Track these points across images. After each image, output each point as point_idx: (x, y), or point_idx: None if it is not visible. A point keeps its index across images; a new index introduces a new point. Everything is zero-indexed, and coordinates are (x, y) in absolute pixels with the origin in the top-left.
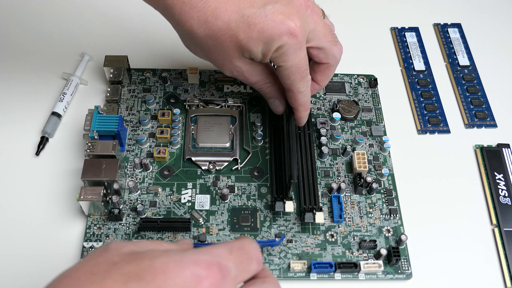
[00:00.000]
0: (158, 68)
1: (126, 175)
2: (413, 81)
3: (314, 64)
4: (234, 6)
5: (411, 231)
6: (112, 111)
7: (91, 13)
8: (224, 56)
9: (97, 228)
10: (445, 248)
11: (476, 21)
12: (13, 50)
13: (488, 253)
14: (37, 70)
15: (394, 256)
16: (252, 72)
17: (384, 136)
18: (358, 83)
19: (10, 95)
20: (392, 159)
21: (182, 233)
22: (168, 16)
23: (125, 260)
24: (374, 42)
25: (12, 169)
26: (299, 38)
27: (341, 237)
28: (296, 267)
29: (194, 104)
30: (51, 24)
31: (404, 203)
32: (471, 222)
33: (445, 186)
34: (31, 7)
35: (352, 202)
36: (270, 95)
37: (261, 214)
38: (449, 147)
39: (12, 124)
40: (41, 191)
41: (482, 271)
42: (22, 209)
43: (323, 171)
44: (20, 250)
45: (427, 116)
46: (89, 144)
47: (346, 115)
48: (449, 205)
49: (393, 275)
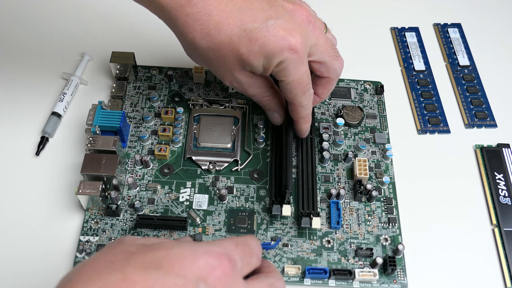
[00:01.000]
0: (164, 66)
1: (126, 171)
2: (413, 81)
3: (316, 78)
4: (237, 21)
5: (410, 232)
6: (116, 107)
7: (91, 13)
8: (225, 68)
9: (94, 223)
10: (445, 248)
11: (476, 21)
12: (13, 50)
13: (488, 253)
14: (37, 70)
15: (390, 266)
16: (251, 84)
17: (387, 144)
18: (364, 89)
19: (10, 95)
20: (392, 159)
21: (178, 231)
22: (172, 27)
23: (142, 250)
24: (374, 42)
25: (12, 169)
26: (300, 54)
27: (337, 243)
28: (290, 272)
29: (198, 103)
30: (51, 24)
31: (404, 203)
32: (471, 222)
33: (445, 186)
34: (31, 7)
35: (351, 209)
36: (269, 108)
37: (258, 216)
38: (449, 147)
39: (12, 124)
40: (41, 191)
41: (482, 271)
42: (22, 209)
43: (323, 176)
44: (19, 247)
45: (427, 116)
46: (91, 139)
47: (350, 121)
48: (449, 205)
49: (388, 284)
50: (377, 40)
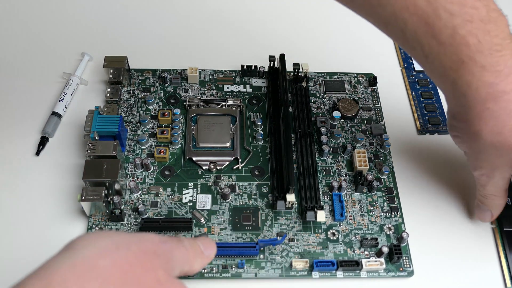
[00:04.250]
0: (158, 68)
1: (127, 176)
2: (413, 81)
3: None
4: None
5: (412, 230)
6: (112, 111)
7: (91, 13)
8: (491, 163)
9: (98, 229)
10: (446, 248)
11: None
12: (13, 50)
13: (488, 253)
14: (37, 70)
15: (396, 254)
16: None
17: (384, 134)
18: (358, 81)
19: (10, 95)
20: (393, 159)
21: (184, 232)
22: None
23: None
24: (374, 42)
25: (12, 169)
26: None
27: (342, 235)
28: (298, 266)
29: (194, 104)
30: (51, 24)
31: (404, 203)
32: (471, 221)
33: (445, 186)
34: (31, 7)
35: (353, 200)
36: (489, 206)
37: (262, 213)
38: (449, 147)
39: (12, 124)
40: (42, 191)
41: (482, 271)
42: (22, 209)
43: (323, 169)
44: (21, 251)
45: (427, 116)
46: (90, 145)
47: (346, 114)
48: (449, 205)
49: (394, 272)
50: (377, 40)
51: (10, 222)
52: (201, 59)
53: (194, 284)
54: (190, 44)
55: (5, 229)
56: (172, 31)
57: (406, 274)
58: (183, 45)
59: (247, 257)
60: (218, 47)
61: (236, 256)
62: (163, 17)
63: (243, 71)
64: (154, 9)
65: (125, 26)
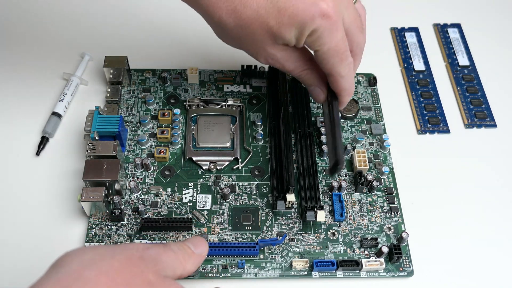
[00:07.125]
0: (158, 69)
1: (127, 176)
2: (413, 81)
3: None
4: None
5: (412, 230)
6: (112, 111)
7: (91, 13)
8: (257, 45)
9: (99, 229)
10: (446, 247)
11: (476, 21)
12: (13, 50)
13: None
14: (37, 70)
15: (396, 254)
16: (288, 58)
17: (384, 135)
18: (358, 81)
19: (11, 95)
20: (392, 159)
21: (184, 232)
22: (197, 9)
23: None
24: (374, 42)
25: (12, 169)
26: (333, 19)
27: (342, 235)
28: (298, 266)
29: (194, 104)
30: (51, 24)
31: (404, 203)
32: (471, 221)
33: (445, 186)
34: (31, 7)
35: (353, 200)
36: (310, 82)
37: (262, 213)
38: (449, 147)
39: (12, 124)
40: (42, 191)
41: (482, 270)
42: (23, 209)
43: (323, 169)
44: (21, 251)
45: (427, 116)
46: (90, 145)
47: (346, 114)
48: (449, 205)
49: (394, 272)
50: (377, 40)
51: (10, 222)
52: (201, 59)
53: (194, 284)
54: (190, 44)
55: (5, 229)
56: (172, 31)
57: (406, 274)
58: (183, 45)
59: (247, 257)
60: (218, 47)
61: (236, 256)
62: (163, 17)
63: (243, 71)
64: (154, 9)
65: (125, 26)
